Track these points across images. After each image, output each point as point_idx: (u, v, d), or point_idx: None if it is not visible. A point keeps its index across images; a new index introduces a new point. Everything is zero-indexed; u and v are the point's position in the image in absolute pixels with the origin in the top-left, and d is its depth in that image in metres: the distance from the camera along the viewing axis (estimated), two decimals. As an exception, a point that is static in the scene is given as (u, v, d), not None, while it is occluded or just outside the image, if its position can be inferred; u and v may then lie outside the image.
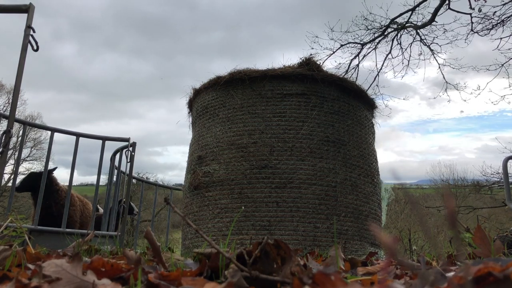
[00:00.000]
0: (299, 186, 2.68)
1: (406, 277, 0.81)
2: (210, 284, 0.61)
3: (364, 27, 9.52)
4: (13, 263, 0.81)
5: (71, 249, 1.26)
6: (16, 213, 1.44)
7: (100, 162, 3.69)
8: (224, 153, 2.85)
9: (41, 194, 3.29)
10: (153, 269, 0.74)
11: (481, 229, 1.07)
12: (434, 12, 8.51)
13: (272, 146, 2.76)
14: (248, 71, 2.97)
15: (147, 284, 0.63)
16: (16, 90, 2.32)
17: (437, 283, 0.53)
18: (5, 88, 24.59)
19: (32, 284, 0.59)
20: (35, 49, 2.42)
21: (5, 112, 3.63)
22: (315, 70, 2.96)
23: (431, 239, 0.54)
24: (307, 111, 2.86)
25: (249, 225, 2.62)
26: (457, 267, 0.88)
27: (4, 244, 1.04)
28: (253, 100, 2.91)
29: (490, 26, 8.08)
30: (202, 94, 3.19)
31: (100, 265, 0.70)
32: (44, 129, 4.37)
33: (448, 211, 0.45)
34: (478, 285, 0.51)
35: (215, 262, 0.72)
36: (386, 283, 0.61)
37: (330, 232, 2.63)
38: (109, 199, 4.01)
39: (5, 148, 2.25)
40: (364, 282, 0.71)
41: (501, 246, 1.06)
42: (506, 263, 0.57)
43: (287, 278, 0.63)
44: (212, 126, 3.00)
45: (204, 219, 2.79)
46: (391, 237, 0.47)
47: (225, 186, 2.76)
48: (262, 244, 0.68)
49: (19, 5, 2.42)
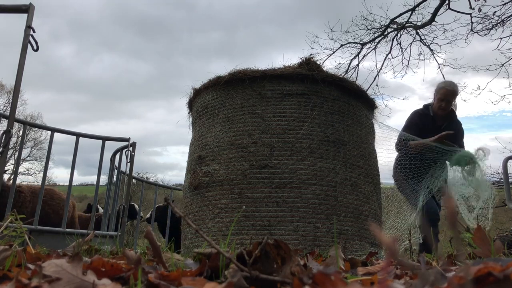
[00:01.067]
0: (299, 186, 2.68)
1: (406, 277, 0.81)
2: (210, 284, 0.61)
3: (364, 27, 9.52)
4: (13, 263, 0.81)
5: (71, 249, 1.26)
6: (16, 213, 1.43)
7: (100, 162, 3.69)
8: (224, 153, 2.85)
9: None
10: (153, 269, 0.74)
11: (481, 229, 1.07)
12: (434, 12, 8.52)
13: (272, 146, 2.76)
14: (248, 71, 2.97)
15: (147, 284, 0.63)
16: (16, 90, 2.32)
17: (437, 283, 0.53)
18: (5, 88, 24.59)
19: (32, 284, 0.59)
20: (35, 49, 2.42)
21: (5, 112, 3.63)
22: (315, 70, 2.96)
23: (431, 239, 0.54)
24: (307, 111, 2.86)
25: (249, 225, 2.62)
26: (457, 267, 0.88)
27: (4, 244, 1.04)
28: (253, 100, 2.91)
29: (490, 26, 8.09)
30: (202, 94, 3.19)
31: (100, 265, 0.70)
32: (44, 129, 4.37)
33: (448, 211, 0.45)
34: (478, 285, 0.51)
35: (215, 262, 0.72)
36: (386, 283, 0.61)
37: (330, 232, 2.63)
38: (109, 199, 4.01)
39: (5, 148, 2.25)
40: (364, 282, 0.71)
41: (501, 246, 1.06)
42: (506, 263, 0.57)
43: (287, 278, 0.63)
44: (212, 126, 3.00)
45: (204, 219, 2.79)
46: (391, 237, 0.47)
47: (225, 186, 2.76)
48: (262, 244, 0.68)
49: (19, 5, 2.42)
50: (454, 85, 3.74)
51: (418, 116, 3.82)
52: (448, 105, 3.67)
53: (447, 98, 3.65)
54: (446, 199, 0.48)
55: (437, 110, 3.71)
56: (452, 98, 3.68)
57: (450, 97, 3.66)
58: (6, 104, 24.17)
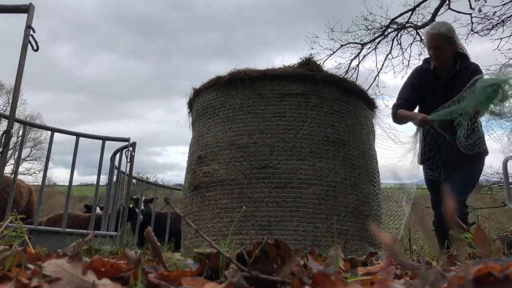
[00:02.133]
0: (299, 186, 2.68)
1: (406, 277, 0.81)
2: (210, 284, 0.61)
3: (364, 27, 9.52)
4: (13, 263, 0.81)
5: (71, 249, 1.26)
6: (16, 213, 1.44)
7: (100, 162, 3.69)
8: (224, 153, 2.85)
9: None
10: (153, 269, 0.74)
11: (481, 229, 1.07)
12: (434, 12, 8.51)
13: (272, 146, 2.76)
14: (248, 71, 2.97)
15: (147, 284, 0.63)
16: (16, 90, 2.32)
17: (437, 283, 0.53)
18: (5, 88, 24.60)
19: (32, 284, 0.59)
20: (35, 49, 2.42)
21: (5, 112, 3.63)
22: (315, 70, 2.96)
23: (431, 239, 0.54)
24: (307, 111, 2.86)
25: (249, 225, 2.63)
26: (457, 267, 0.88)
27: (4, 244, 1.04)
28: (253, 100, 2.91)
29: (490, 26, 8.08)
30: (202, 94, 3.19)
31: (100, 265, 0.70)
32: (44, 129, 4.38)
33: (448, 211, 0.45)
34: (478, 285, 0.51)
35: (215, 262, 0.72)
36: (386, 283, 0.61)
37: (330, 232, 2.63)
38: (109, 199, 4.01)
39: (5, 148, 2.25)
40: (364, 282, 0.71)
41: (501, 246, 1.06)
42: (506, 263, 0.57)
43: (287, 278, 0.63)
44: (212, 126, 3.00)
45: (204, 219, 2.79)
46: (391, 237, 0.47)
47: (225, 186, 2.76)
48: (262, 244, 0.68)
49: (19, 5, 2.42)
50: (441, 25, 2.86)
51: (415, 74, 3.00)
52: (438, 53, 2.81)
53: (433, 44, 2.81)
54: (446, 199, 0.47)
55: (435, 63, 2.90)
56: (440, 42, 2.79)
57: (436, 41, 2.80)
58: (6, 104, 24.18)
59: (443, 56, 2.82)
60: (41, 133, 24.59)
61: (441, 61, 2.85)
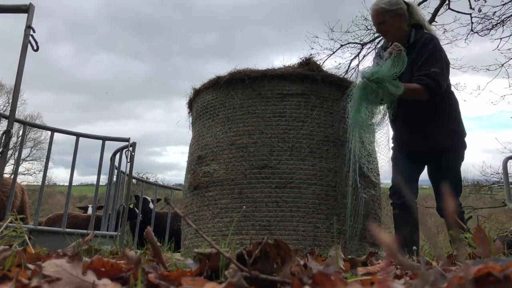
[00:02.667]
0: (299, 186, 2.68)
1: (406, 277, 0.81)
2: (210, 284, 0.61)
3: (364, 27, 9.52)
4: (13, 263, 0.81)
5: (71, 249, 1.26)
6: (16, 213, 1.44)
7: (100, 162, 3.69)
8: (224, 153, 2.85)
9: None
10: (153, 269, 0.74)
11: (481, 229, 1.07)
12: (434, 12, 8.51)
13: (272, 146, 2.76)
14: (248, 71, 2.97)
15: (147, 284, 0.63)
16: (16, 90, 2.32)
17: (437, 283, 0.53)
18: (5, 88, 24.60)
19: (32, 284, 0.59)
20: (35, 49, 2.42)
21: (5, 112, 3.63)
22: (315, 70, 2.96)
23: (431, 239, 0.54)
24: (307, 111, 2.86)
25: (249, 225, 2.63)
26: (457, 267, 0.88)
27: (4, 244, 1.04)
28: (253, 100, 2.91)
29: (490, 26, 8.09)
30: (202, 94, 3.19)
31: (100, 265, 0.70)
32: (44, 129, 4.38)
33: (448, 211, 0.45)
34: (478, 285, 0.51)
35: (215, 262, 0.72)
36: (386, 283, 0.61)
37: (330, 232, 2.63)
38: (109, 199, 4.01)
39: (5, 148, 2.25)
40: (364, 282, 0.71)
41: (501, 246, 1.06)
42: (506, 263, 0.57)
43: (287, 278, 0.63)
44: (212, 126, 3.00)
45: (204, 219, 2.79)
46: (391, 237, 0.47)
47: (225, 186, 2.76)
48: (262, 244, 0.68)
49: (19, 5, 2.42)
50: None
51: (376, 54, 2.87)
52: (383, 28, 2.63)
53: (375, 20, 2.64)
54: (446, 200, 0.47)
55: (385, 39, 2.77)
56: (382, 17, 2.59)
57: (377, 17, 2.61)
58: (6, 104, 24.18)
59: (390, 31, 2.62)
60: (41, 133, 24.60)
61: (390, 36, 2.65)
